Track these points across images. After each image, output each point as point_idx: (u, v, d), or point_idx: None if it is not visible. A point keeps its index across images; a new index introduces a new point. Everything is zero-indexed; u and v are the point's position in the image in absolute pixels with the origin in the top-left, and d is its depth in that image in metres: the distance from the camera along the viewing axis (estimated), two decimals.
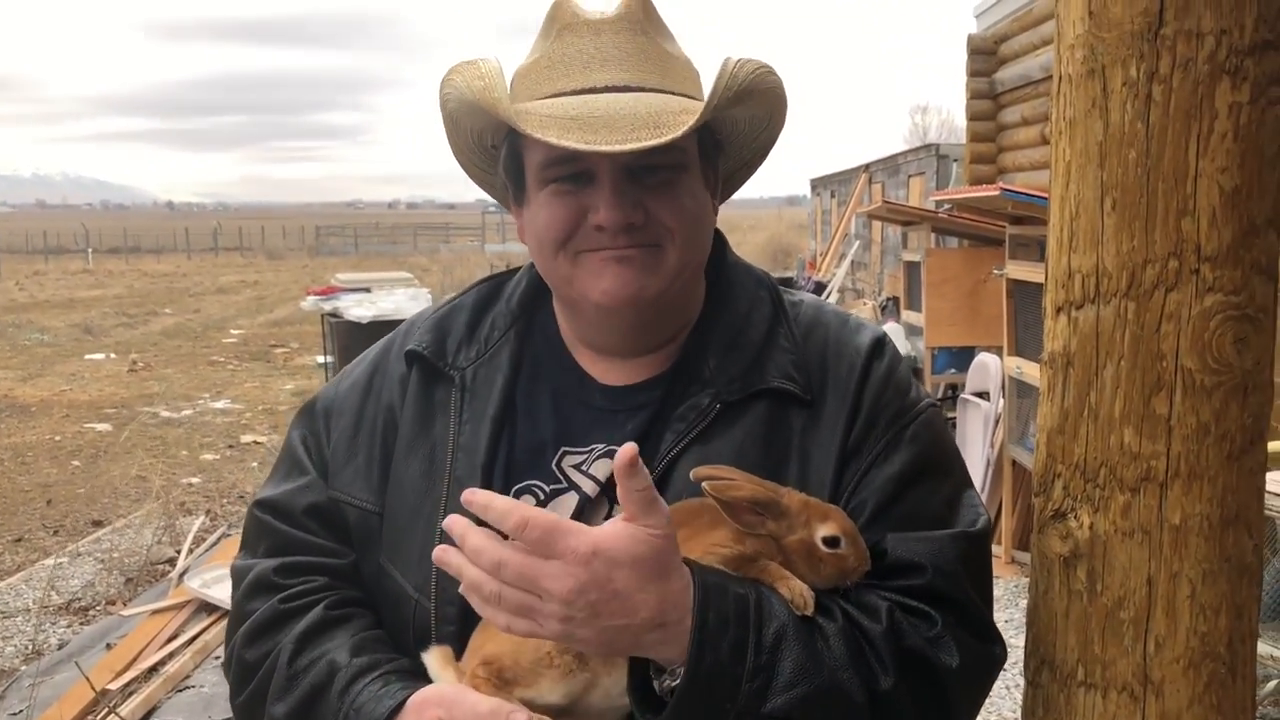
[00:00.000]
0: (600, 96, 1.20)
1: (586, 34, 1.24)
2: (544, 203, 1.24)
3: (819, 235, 27.15)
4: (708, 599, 1.06)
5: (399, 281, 12.05)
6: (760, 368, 1.28)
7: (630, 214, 1.20)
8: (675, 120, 1.16)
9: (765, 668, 1.06)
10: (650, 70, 1.24)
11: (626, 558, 1.03)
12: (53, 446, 9.93)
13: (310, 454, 1.37)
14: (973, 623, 1.18)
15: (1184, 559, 1.09)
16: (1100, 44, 1.07)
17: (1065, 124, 1.12)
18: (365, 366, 1.42)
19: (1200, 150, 1.05)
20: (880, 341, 1.32)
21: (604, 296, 1.23)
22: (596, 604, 1.02)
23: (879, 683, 1.10)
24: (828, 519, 1.16)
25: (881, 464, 1.24)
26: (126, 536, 6.97)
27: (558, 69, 1.24)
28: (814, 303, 1.38)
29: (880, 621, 1.13)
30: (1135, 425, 1.10)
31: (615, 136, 1.14)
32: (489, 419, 1.30)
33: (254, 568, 1.32)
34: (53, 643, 5.37)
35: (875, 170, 20.51)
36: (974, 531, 1.23)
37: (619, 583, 1.02)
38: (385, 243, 55.48)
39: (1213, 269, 1.06)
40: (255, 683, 1.25)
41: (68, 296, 27.17)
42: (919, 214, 8.86)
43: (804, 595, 1.11)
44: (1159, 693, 1.11)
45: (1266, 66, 1.04)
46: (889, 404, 1.27)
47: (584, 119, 1.16)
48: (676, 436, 1.24)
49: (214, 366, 15.04)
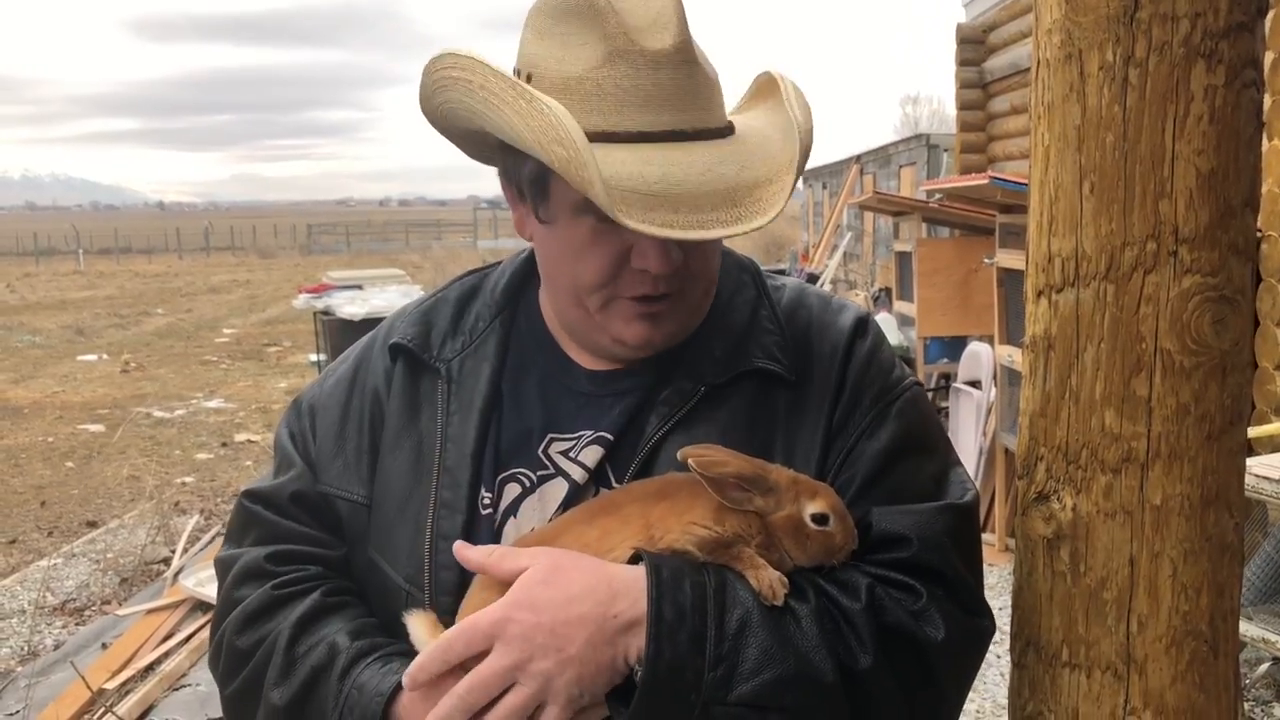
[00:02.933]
0: (672, 157, 1.14)
1: (644, 67, 1.14)
2: (584, 239, 1.20)
3: (811, 227, 27.16)
4: (662, 592, 1.07)
5: (391, 278, 12.04)
6: (744, 350, 1.28)
7: (676, 260, 1.20)
8: (756, 196, 1.14)
9: (727, 656, 1.06)
10: (700, 108, 1.19)
11: (530, 596, 1.07)
12: (46, 448, 9.91)
13: (299, 449, 1.37)
14: (960, 595, 1.17)
15: (1165, 539, 1.10)
16: (1077, 28, 1.08)
17: (1044, 108, 1.13)
18: (350, 363, 1.42)
19: (1177, 133, 1.06)
20: (863, 321, 1.33)
21: (633, 340, 1.24)
22: (547, 645, 1.05)
23: (857, 661, 1.10)
24: (816, 496, 1.16)
25: (867, 439, 1.24)
26: (121, 537, 6.96)
27: (609, 101, 1.15)
28: (796, 285, 1.38)
29: (859, 599, 1.13)
30: (1116, 407, 1.11)
31: (697, 217, 1.11)
32: (477, 409, 1.30)
33: (242, 556, 1.31)
34: (48, 644, 5.37)
35: (866, 161, 20.52)
36: (961, 504, 1.22)
37: (543, 614, 1.06)
38: (377, 240, 55.40)
39: (1190, 251, 1.07)
40: (249, 669, 1.24)
41: (59, 298, 27.08)
42: (910, 204, 8.87)
43: (773, 586, 1.10)
44: (1142, 671, 1.12)
45: (1240, 49, 1.05)
46: (873, 382, 1.27)
47: (665, 196, 1.11)
48: (661, 420, 1.25)
49: (207, 366, 15.01)
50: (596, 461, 1.26)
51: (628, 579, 1.09)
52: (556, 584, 1.08)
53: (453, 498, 1.27)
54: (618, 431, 1.27)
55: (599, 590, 1.08)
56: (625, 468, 1.24)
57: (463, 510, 1.26)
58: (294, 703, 1.20)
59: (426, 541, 1.25)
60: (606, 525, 1.16)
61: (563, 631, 1.06)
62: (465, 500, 1.26)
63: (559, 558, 1.11)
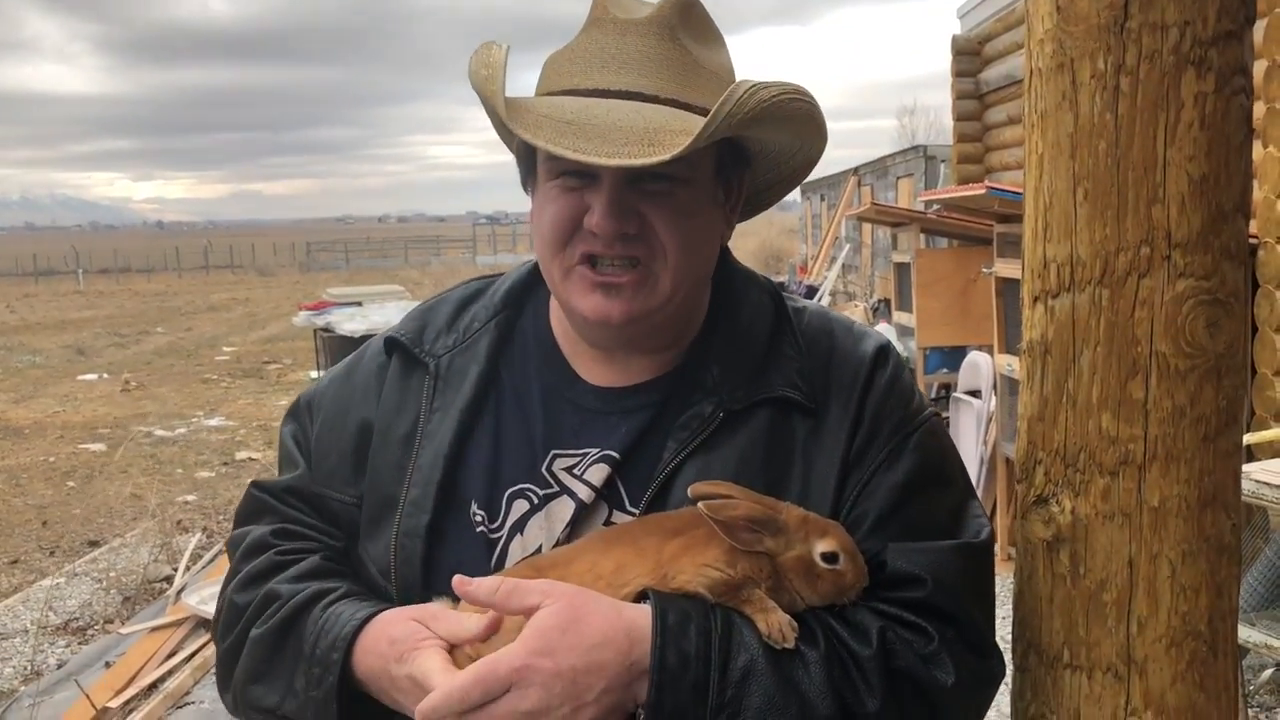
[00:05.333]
0: (602, 102, 1.18)
1: (612, 32, 1.22)
2: (550, 196, 1.23)
3: (810, 239, 27.21)
4: (667, 638, 1.07)
5: (390, 295, 12.06)
6: (765, 376, 1.26)
7: (623, 223, 1.18)
8: (672, 140, 1.12)
9: (729, 704, 1.06)
10: (669, 79, 1.21)
11: (549, 644, 1.05)
12: (47, 468, 9.91)
13: (300, 449, 1.39)
14: (971, 638, 1.17)
15: (1163, 540, 1.12)
16: (1068, 38, 1.10)
17: (1037, 117, 1.15)
18: (347, 362, 1.43)
19: (1168, 139, 1.07)
20: (884, 350, 1.31)
21: (592, 313, 1.22)
22: (566, 694, 1.04)
23: (865, 706, 1.09)
24: (826, 534, 1.15)
25: (885, 472, 1.23)
26: (123, 555, 6.96)
27: (578, 64, 1.22)
28: (818, 310, 1.37)
29: (870, 644, 1.12)
30: (1113, 410, 1.12)
31: (607, 149, 1.11)
32: (457, 409, 1.30)
33: (250, 533, 1.33)
34: (51, 663, 5.36)
35: (864, 173, 20.58)
36: (977, 543, 1.22)
37: (563, 662, 1.05)
38: (376, 257, 55.44)
39: (1184, 255, 1.08)
40: (243, 621, 1.26)
41: (59, 318, 27.10)
42: (908, 215, 8.90)
43: (782, 630, 1.10)
44: (1142, 672, 1.13)
45: (1229, 56, 1.06)
46: (892, 413, 1.26)
47: (580, 125, 1.13)
48: (679, 445, 1.23)
49: (207, 384, 15.01)
50: (604, 480, 1.25)
51: (642, 626, 1.08)
52: (576, 631, 1.06)
53: (420, 495, 1.26)
54: (625, 450, 1.26)
55: (618, 639, 1.07)
56: (638, 488, 1.24)
57: (428, 510, 1.25)
58: (270, 635, 1.22)
59: (393, 538, 1.26)
60: (622, 558, 1.15)
61: (583, 681, 1.05)
62: (433, 500, 1.26)
63: (574, 599, 1.08)
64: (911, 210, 9.15)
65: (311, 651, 1.18)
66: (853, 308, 13.41)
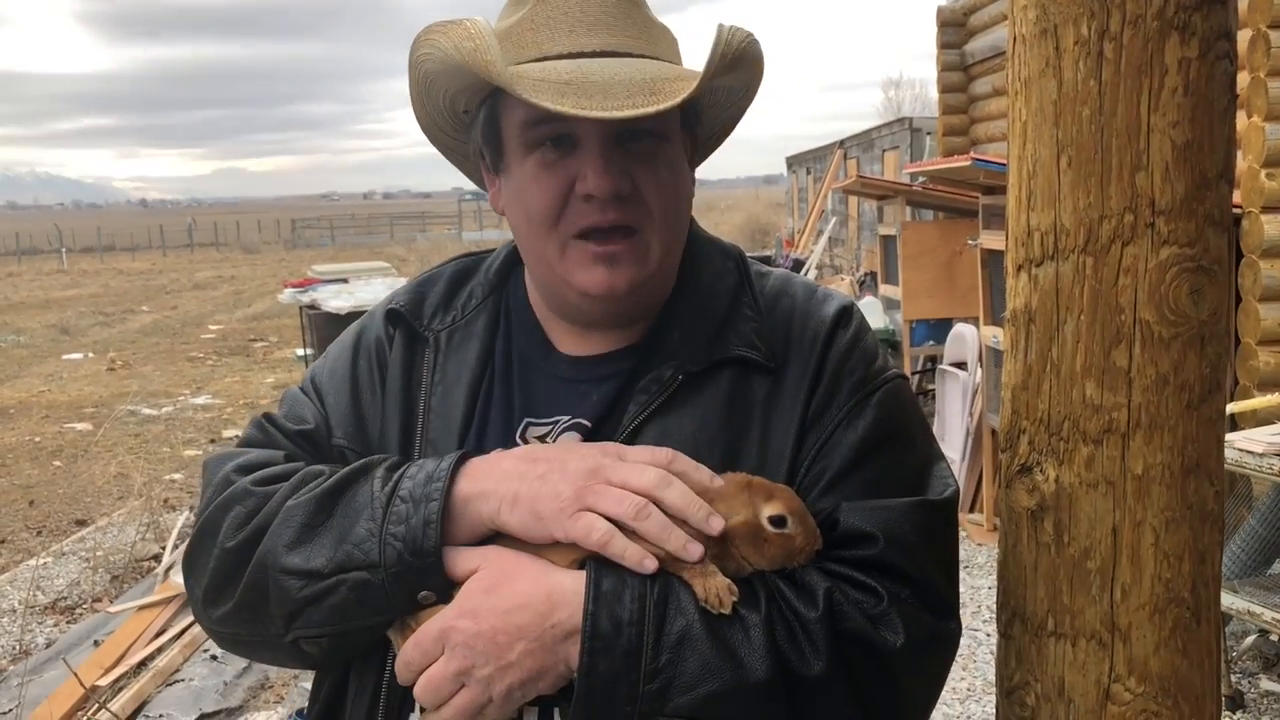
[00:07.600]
0: (593, 61, 1.17)
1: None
2: (531, 174, 1.22)
3: (796, 213, 27.19)
4: (599, 604, 1.07)
5: (376, 271, 12.01)
6: (723, 337, 1.26)
7: (619, 182, 1.18)
8: (671, 87, 1.13)
9: (664, 669, 1.06)
10: (637, 35, 1.22)
11: (473, 605, 1.10)
12: (33, 447, 9.88)
13: (313, 401, 1.36)
14: (926, 597, 1.14)
15: (1147, 508, 1.12)
16: (1052, 4, 1.09)
17: (1021, 84, 1.14)
18: (350, 334, 1.40)
19: (1152, 106, 1.06)
20: (846, 310, 1.30)
21: (595, 287, 1.22)
22: (487, 652, 1.08)
23: (810, 668, 1.08)
24: (773, 498, 1.13)
25: (844, 430, 1.21)
26: (110, 534, 6.96)
27: (543, 31, 1.20)
28: (783, 275, 1.37)
29: (816, 606, 1.10)
30: (1096, 378, 1.12)
31: (611, 102, 1.11)
32: (464, 384, 1.30)
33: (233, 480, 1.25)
34: (40, 642, 5.37)
35: (850, 146, 20.54)
36: (936, 500, 1.20)
37: (483, 623, 1.09)
38: (362, 233, 55.24)
39: (1167, 222, 1.08)
40: (271, 500, 1.19)
41: (43, 297, 26.96)
42: (893, 188, 8.89)
43: (720, 595, 1.08)
44: (1126, 639, 1.13)
45: (1213, 21, 1.06)
46: (853, 372, 1.25)
47: (579, 84, 1.13)
48: (639, 408, 1.23)
49: (193, 362, 14.96)
50: None
51: (568, 590, 1.09)
52: (498, 593, 1.10)
53: None
54: (596, 418, 1.26)
55: (538, 602, 1.09)
56: None
57: None
58: (326, 493, 1.17)
59: None
60: None
61: (501, 640, 1.08)
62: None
63: (505, 564, 1.12)
64: (897, 183, 9.13)
65: (391, 493, 1.14)
66: (839, 281, 13.42)
